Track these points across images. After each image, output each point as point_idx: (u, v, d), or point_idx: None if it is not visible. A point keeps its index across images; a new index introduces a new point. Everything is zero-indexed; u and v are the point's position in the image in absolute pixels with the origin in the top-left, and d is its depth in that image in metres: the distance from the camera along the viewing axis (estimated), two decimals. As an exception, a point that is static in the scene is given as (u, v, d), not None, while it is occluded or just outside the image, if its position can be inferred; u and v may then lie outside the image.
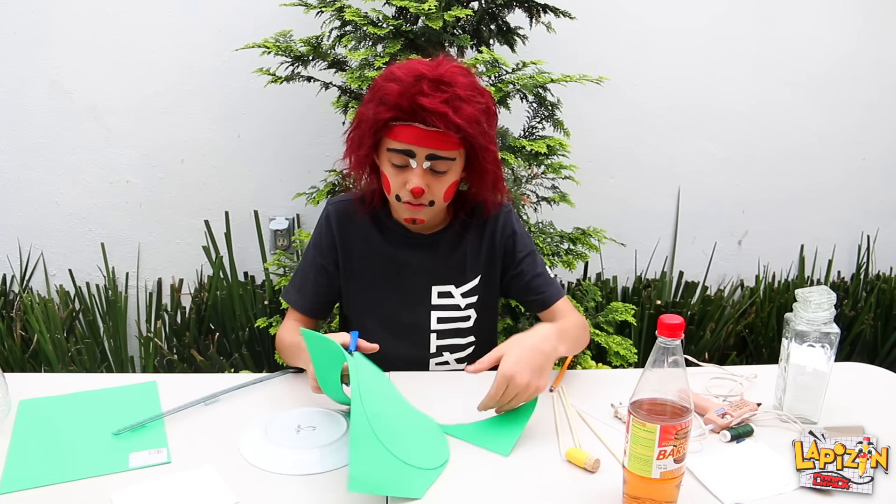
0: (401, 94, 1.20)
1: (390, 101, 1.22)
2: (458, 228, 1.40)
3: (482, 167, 1.29)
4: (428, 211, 1.32)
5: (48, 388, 1.29)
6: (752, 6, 2.65)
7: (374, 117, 1.24)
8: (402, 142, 1.24)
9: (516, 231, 1.42)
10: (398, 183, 1.28)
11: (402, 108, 1.21)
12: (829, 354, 1.19)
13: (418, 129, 1.22)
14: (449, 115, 1.20)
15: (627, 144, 2.76)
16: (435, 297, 1.41)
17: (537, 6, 2.18)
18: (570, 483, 1.07)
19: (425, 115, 1.20)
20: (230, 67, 2.52)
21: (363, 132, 1.28)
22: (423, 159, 1.25)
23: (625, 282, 2.90)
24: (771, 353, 2.64)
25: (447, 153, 1.25)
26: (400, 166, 1.27)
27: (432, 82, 1.20)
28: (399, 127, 1.23)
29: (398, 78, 1.22)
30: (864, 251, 3.00)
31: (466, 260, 1.41)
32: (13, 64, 2.50)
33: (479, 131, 1.24)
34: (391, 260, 1.40)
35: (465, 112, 1.21)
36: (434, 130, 1.22)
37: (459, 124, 1.21)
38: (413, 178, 1.26)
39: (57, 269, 2.73)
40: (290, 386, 1.35)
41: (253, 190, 2.68)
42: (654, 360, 0.95)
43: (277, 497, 1.03)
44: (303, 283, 1.43)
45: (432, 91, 1.20)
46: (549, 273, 1.43)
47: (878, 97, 2.81)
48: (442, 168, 1.27)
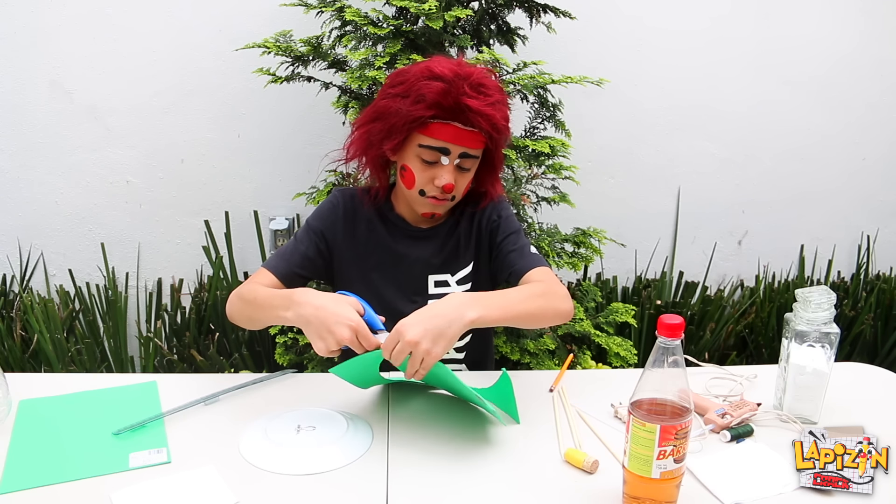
0: (446, 92, 1.23)
1: (432, 99, 1.24)
2: (456, 217, 1.44)
3: (495, 166, 1.38)
4: (448, 205, 1.37)
5: (48, 388, 1.29)
6: (753, 7, 2.65)
7: (410, 113, 1.25)
8: (438, 139, 1.27)
9: (501, 215, 1.43)
10: (425, 178, 1.31)
11: (443, 106, 1.24)
12: (829, 354, 1.19)
13: (456, 128, 1.26)
14: (494, 117, 1.26)
15: (627, 145, 2.76)
16: (432, 286, 1.43)
17: (537, 6, 2.18)
18: (570, 483, 1.07)
19: (470, 115, 1.24)
20: (230, 67, 2.52)
21: (392, 126, 1.28)
22: (456, 157, 1.29)
23: (625, 282, 2.90)
24: (771, 353, 2.64)
25: (476, 151, 1.31)
26: (429, 162, 1.30)
27: (473, 84, 1.25)
28: (436, 124, 1.26)
29: (439, 76, 1.24)
30: (864, 251, 3.00)
31: (460, 247, 1.43)
32: (13, 64, 2.50)
33: (509, 133, 1.33)
34: (392, 251, 1.42)
35: (503, 115, 1.28)
36: (470, 130, 1.26)
37: (500, 128, 1.28)
38: (444, 175, 1.30)
39: (57, 269, 2.73)
40: (290, 386, 1.35)
41: (253, 190, 2.68)
42: (654, 360, 0.95)
43: (277, 497, 1.03)
44: (290, 253, 1.39)
45: (475, 93, 1.24)
46: (528, 248, 1.40)
47: (879, 97, 2.81)
48: (468, 165, 1.33)
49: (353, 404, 1.27)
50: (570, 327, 2.19)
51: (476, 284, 1.45)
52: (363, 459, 1.12)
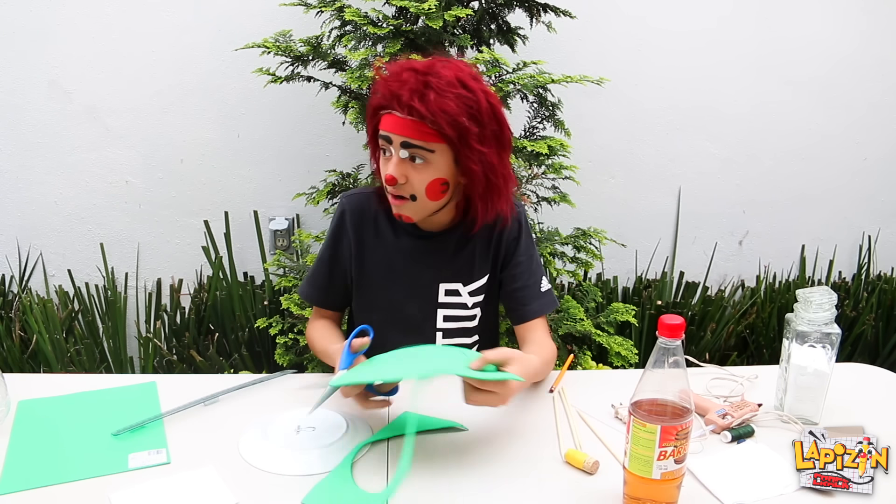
0: (385, 82, 1.24)
1: (377, 90, 1.26)
2: (469, 225, 1.38)
3: (468, 168, 1.24)
4: (411, 206, 1.29)
5: (47, 388, 1.29)
6: (754, 7, 2.65)
7: (368, 106, 1.29)
8: (383, 129, 1.26)
9: (521, 234, 1.41)
10: (383, 172, 1.30)
11: (384, 95, 1.24)
12: (829, 355, 1.19)
13: (395, 117, 1.23)
14: (415, 102, 1.19)
15: (628, 145, 2.76)
16: (442, 294, 1.41)
17: (538, 6, 2.18)
18: (570, 484, 1.06)
19: (393, 102, 1.22)
20: (230, 67, 2.52)
21: (367, 123, 1.33)
22: (399, 147, 1.24)
23: (625, 282, 2.90)
24: (772, 354, 2.64)
25: (423, 143, 1.23)
26: (385, 154, 1.28)
27: (417, 73, 1.22)
28: (384, 115, 1.26)
29: (389, 70, 1.26)
30: (865, 251, 3.00)
31: (475, 258, 1.41)
32: (12, 64, 2.50)
33: (448, 122, 1.20)
34: (401, 256, 1.40)
35: (437, 103, 1.19)
36: (410, 119, 1.22)
37: (424, 112, 1.19)
38: (388, 166, 1.26)
39: (56, 270, 2.73)
40: (290, 386, 1.35)
41: (253, 190, 2.68)
42: (655, 360, 0.95)
43: (277, 497, 1.02)
44: (315, 277, 1.46)
45: (412, 80, 1.22)
46: (542, 285, 1.41)
47: (880, 98, 2.80)
48: (421, 156, 1.24)
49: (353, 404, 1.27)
50: (571, 327, 2.18)
51: (488, 297, 1.44)
52: (363, 460, 1.11)
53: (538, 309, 1.40)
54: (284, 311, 2.31)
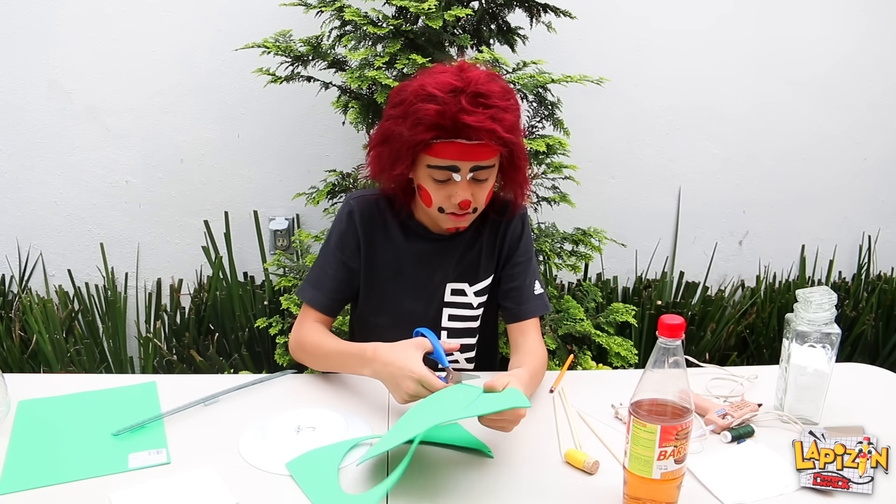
0: (441, 113, 1.18)
1: (429, 121, 1.19)
2: (478, 225, 1.41)
3: (517, 165, 1.30)
4: (471, 217, 1.32)
5: (47, 388, 1.29)
6: (754, 7, 2.65)
7: (412, 138, 1.22)
8: (445, 158, 1.23)
9: (523, 234, 1.42)
10: (441, 197, 1.27)
11: (443, 127, 1.19)
12: (829, 355, 1.19)
13: (461, 145, 1.21)
14: (497, 131, 1.19)
15: (628, 145, 2.76)
16: (448, 294, 1.41)
17: (538, 6, 2.18)
18: (570, 484, 1.06)
19: (470, 132, 1.19)
20: (230, 67, 2.52)
21: (398, 151, 1.25)
22: (467, 172, 1.24)
23: (625, 282, 2.90)
24: (772, 354, 2.64)
25: (489, 162, 1.25)
26: (442, 181, 1.26)
27: (471, 97, 1.19)
28: (440, 144, 1.22)
29: (433, 96, 1.19)
30: (865, 251, 3.00)
31: (482, 259, 1.41)
32: (12, 64, 2.50)
33: (519, 136, 1.26)
34: (411, 258, 1.40)
35: (508, 121, 1.21)
36: (477, 144, 1.21)
37: (506, 139, 1.21)
38: (459, 192, 1.25)
39: (56, 270, 2.73)
40: (290, 386, 1.35)
41: (253, 190, 2.68)
42: (655, 360, 0.95)
43: (277, 497, 1.03)
44: (321, 280, 1.41)
45: (473, 107, 1.18)
46: (535, 287, 1.42)
47: (881, 97, 2.80)
48: (484, 176, 1.27)
49: (353, 405, 1.27)
50: (571, 327, 2.18)
51: (491, 297, 1.44)
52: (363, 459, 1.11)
53: (532, 310, 1.40)
54: (284, 311, 2.31)
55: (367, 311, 1.45)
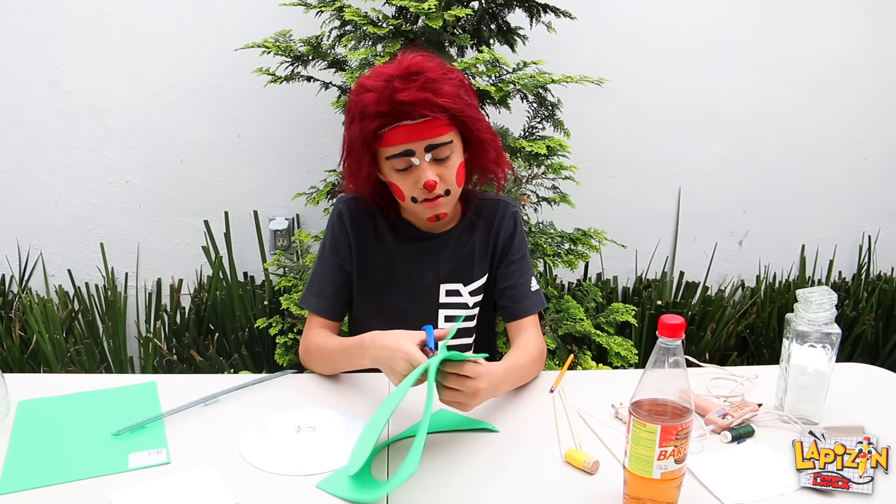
0: (378, 100, 1.21)
1: (371, 111, 1.22)
2: (470, 220, 1.41)
3: (479, 139, 1.30)
4: (447, 202, 1.31)
5: (47, 388, 1.29)
6: (754, 7, 2.65)
7: (362, 133, 1.24)
8: (397, 144, 1.24)
9: (516, 232, 1.43)
10: (409, 185, 1.28)
11: (384, 113, 1.21)
12: (830, 355, 1.19)
13: (407, 127, 1.23)
14: (430, 98, 1.20)
15: (628, 145, 2.76)
16: (443, 295, 1.41)
17: (538, 6, 2.18)
18: (570, 484, 1.06)
19: (408, 109, 1.21)
20: (230, 67, 2.52)
21: (358, 153, 1.28)
22: (424, 152, 1.25)
23: (625, 282, 2.90)
24: (772, 354, 2.64)
25: (443, 138, 1.25)
26: (404, 169, 1.27)
27: (402, 77, 1.21)
28: (389, 132, 1.24)
29: (369, 87, 1.23)
30: (865, 251, 3.00)
31: (475, 258, 1.41)
32: (12, 64, 2.50)
33: (463, 104, 1.25)
34: (401, 258, 1.40)
35: (444, 90, 1.22)
36: (422, 121, 1.22)
37: (443, 104, 1.21)
38: (422, 174, 1.26)
39: (56, 270, 2.73)
40: (289, 386, 1.35)
41: (253, 190, 2.68)
42: (655, 360, 0.95)
43: (277, 497, 1.03)
44: (322, 286, 1.41)
45: (405, 85, 1.20)
46: (531, 284, 1.42)
47: (880, 97, 2.80)
48: (444, 154, 1.27)
49: (353, 404, 1.27)
50: (571, 327, 2.18)
51: (486, 296, 1.44)
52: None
53: (529, 307, 1.41)
54: (284, 311, 2.31)
55: (361, 314, 1.45)
